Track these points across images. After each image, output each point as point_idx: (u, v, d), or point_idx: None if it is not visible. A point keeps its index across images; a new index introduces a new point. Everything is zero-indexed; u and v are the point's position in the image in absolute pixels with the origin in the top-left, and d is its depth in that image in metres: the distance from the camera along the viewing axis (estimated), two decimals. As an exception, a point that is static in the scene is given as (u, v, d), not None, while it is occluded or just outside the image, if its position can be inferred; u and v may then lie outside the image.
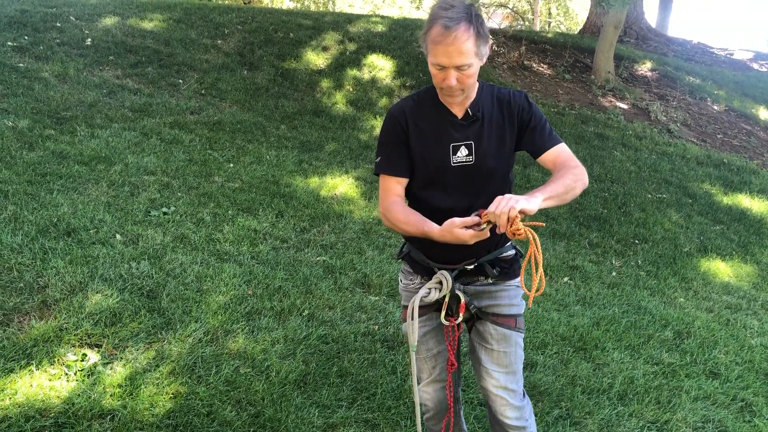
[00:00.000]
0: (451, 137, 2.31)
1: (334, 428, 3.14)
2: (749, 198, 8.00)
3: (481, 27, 2.13)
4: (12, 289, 3.65)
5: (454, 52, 2.10)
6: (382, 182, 2.39)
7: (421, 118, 2.33)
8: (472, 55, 2.12)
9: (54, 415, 2.86)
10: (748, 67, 16.74)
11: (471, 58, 2.12)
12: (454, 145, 2.30)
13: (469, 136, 2.31)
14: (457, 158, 2.31)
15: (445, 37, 2.08)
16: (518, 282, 2.50)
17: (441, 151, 2.31)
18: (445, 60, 2.12)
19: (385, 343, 3.93)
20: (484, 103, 2.33)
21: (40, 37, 8.20)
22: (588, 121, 9.61)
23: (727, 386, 4.03)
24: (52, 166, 5.37)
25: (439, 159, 2.31)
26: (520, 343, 2.48)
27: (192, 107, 7.69)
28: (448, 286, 2.36)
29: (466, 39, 2.08)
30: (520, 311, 2.49)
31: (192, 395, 3.14)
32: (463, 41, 2.08)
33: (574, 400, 3.63)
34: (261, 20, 10.69)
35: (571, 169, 2.27)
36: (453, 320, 2.43)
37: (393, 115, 2.37)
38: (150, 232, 4.64)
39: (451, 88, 2.19)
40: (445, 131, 2.31)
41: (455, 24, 2.07)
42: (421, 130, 2.33)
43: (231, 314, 3.87)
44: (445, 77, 2.16)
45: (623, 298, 5.15)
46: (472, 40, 2.10)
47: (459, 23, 2.07)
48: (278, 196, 5.83)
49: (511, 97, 2.35)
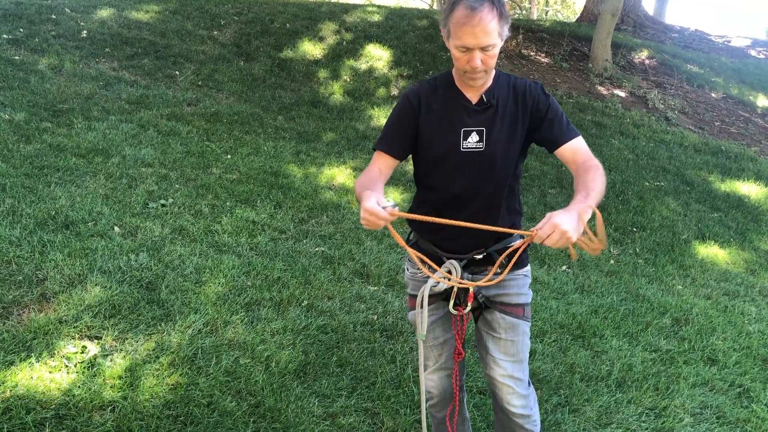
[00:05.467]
0: (463, 122, 2.31)
1: (334, 417, 3.15)
2: (747, 185, 8.00)
3: (503, 8, 2.15)
4: (11, 282, 3.66)
5: (481, 33, 2.10)
6: (374, 157, 2.43)
7: (436, 101, 2.34)
8: (496, 35, 2.14)
9: (55, 406, 2.87)
10: (746, 54, 16.70)
11: (495, 38, 2.14)
12: (465, 130, 2.30)
13: (482, 122, 2.31)
14: (467, 143, 2.31)
15: (471, 18, 2.08)
16: (527, 271, 2.50)
17: (452, 134, 2.31)
18: (472, 41, 2.12)
19: (384, 333, 3.94)
20: (499, 90, 2.33)
21: (36, 30, 8.17)
22: (586, 110, 9.60)
23: (725, 372, 4.04)
24: (49, 159, 5.37)
25: (449, 143, 2.31)
26: (527, 332, 2.49)
27: (189, 99, 7.67)
28: (457, 276, 2.36)
29: (491, 19, 2.10)
30: (527, 300, 2.49)
31: (192, 386, 3.15)
32: (488, 21, 2.09)
33: (573, 388, 3.64)
34: (257, 11, 10.65)
35: (594, 169, 2.27)
36: (461, 309, 2.44)
37: (407, 96, 2.38)
38: (148, 224, 4.64)
39: (475, 70, 2.19)
40: (458, 116, 2.31)
41: (480, 4, 2.09)
42: (433, 113, 2.33)
43: (230, 305, 3.88)
44: (470, 59, 2.17)
45: (621, 285, 5.17)
46: (496, 20, 2.11)
47: (483, 3, 2.09)
48: (276, 187, 5.82)
49: (527, 88, 2.34)
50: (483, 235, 2.26)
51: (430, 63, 10.02)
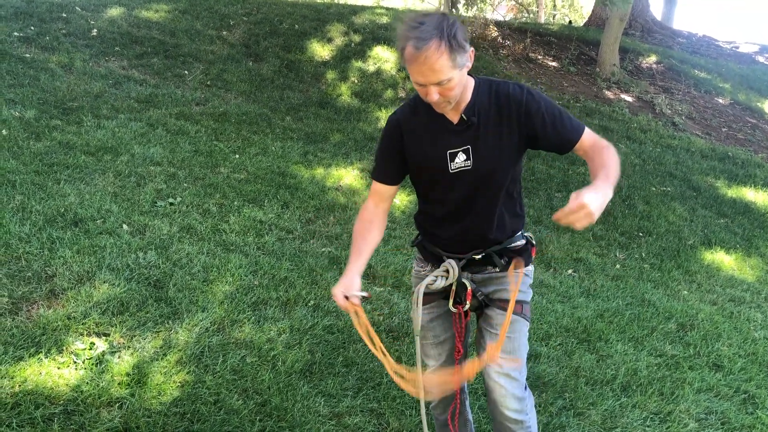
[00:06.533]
0: (447, 144, 2.27)
1: (339, 417, 3.17)
2: (754, 191, 7.99)
3: (455, 39, 2.01)
4: (20, 278, 3.68)
5: (428, 71, 2.03)
6: (372, 186, 2.47)
7: (417, 126, 2.29)
8: (448, 70, 2.03)
9: (63, 402, 2.89)
10: (754, 60, 16.67)
11: (448, 73, 2.04)
12: (451, 152, 2.27)
13: (466, 140, 2.25)
14: (455, 164, 2.28)
15: (416, 57, 2.00)
16: (528, 270, 2.48)
17: (438, 158, 2.29)
18: (422, 79, 2.06)
19: (390, 334, 3.95)
20: (480, 103, 2.24)
21: (46, 28, 8.22)
22: (593, 114, 9.60)
23: (730, 378, 4.04)
24: (58, 157, 5.40)
25: (437, 166, 2.30)
26: (524, 331, 2.45)
27: (197, 98, 7.70)
28: (454, 275, 2.38)
29: (438, 57, 1.99)
30: (526, 298, 2.46)
31: (199, 384, 3.17)
32: (435, 60, 1.99)
33: (578, 391, 3.65)
34: (266, 11, 10.69)
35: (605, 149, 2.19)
36: (461, 308, 2.44)
37: (389, 122, 2.36)
38: (156, 222, 4.67)
39: (436, 103, 2.14)
40: (442, 138, 2.27)
41: (424, 44, 1.98)
42: (417, 138, 2.30)
43: (237, 304, 3.90)
44: (426, 93, 2.10)
45: (627, 290, 5.17)
46: (445, 56, 2.00)
47: (429, 42, 1.98)
48: (284, 188, 5.85)
49: (510, 95, 2.23)
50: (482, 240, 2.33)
51: (438, 65, 10.03)
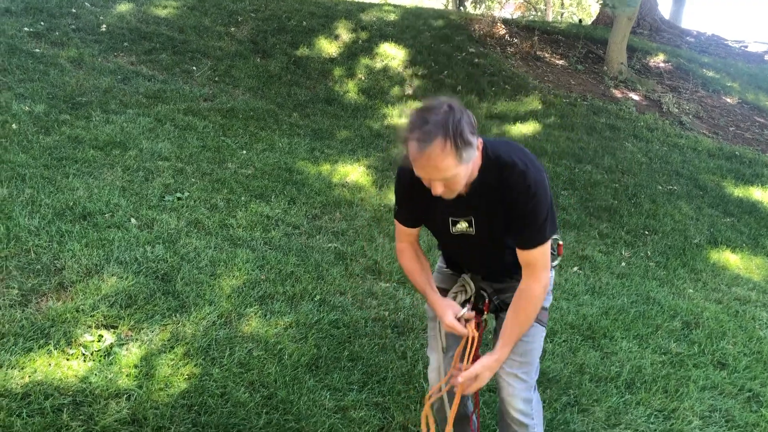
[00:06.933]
0: (449, 212, 2.27)
1: (345, 410, 3.19)
2: (761, 190, 7.98)
3: (461, 137, 1.93)
4: (30, 270, 3.72)
5: (433, 171, 1.98)
6: (396, 226, 2.52)
7: (420, 190, 2.19)
8: (453, 167, 1.97)
9: (72, 393, 2.93)
10: (763, 59, 16.59)
11: (453, 171, 1.98)
12: (453, 219, 2.29)
13: (468, 212, 2.26)
14: (456, 229, 2.31)
15: (420, 155, 1.94)
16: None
17: (440, 221, 2.32)
18: (425, 175, 2.03)
19: (396, 329, 3.98)
20: (485, 185, 2.17)
21: (56, 23, 8.26)
22: (600, 112, 9.59)
23: (735, 377, 4.05)
24: (67, 151, 5.44)
25: (440, 227, 2.35)
26: (539, 336, 2.46)
27: (205, 94, 7.74)
28: (472, 290, 2.47)
29: (443, 157, 1.93)
30: (544, 304, 2.43)
31: (206, 376, 3.20)
32: (440, 160, 1.94)
33: (582, 388, 3.67)
34: (274, 8, 10.70)
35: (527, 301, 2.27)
36: (479, 317, 2.48)
37: (398, 175, 2.36)
38: (164, 216, 4.70)
39: (441, 195, 2.10)
40: (443, 207, 2.25)
41: (428, 143, 1.91)
42: (419, 199, 2.27)
43: (244, 298, 3.93)
44: (431, 185, 2.06)
45: (632, 288, 5.18)
46: (450, 155, 1.94)
47: (433, 141, 1.91)
48: (290, 183, 5.87)
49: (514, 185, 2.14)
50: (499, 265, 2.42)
51: (445, 63, 10.05)
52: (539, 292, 2.26)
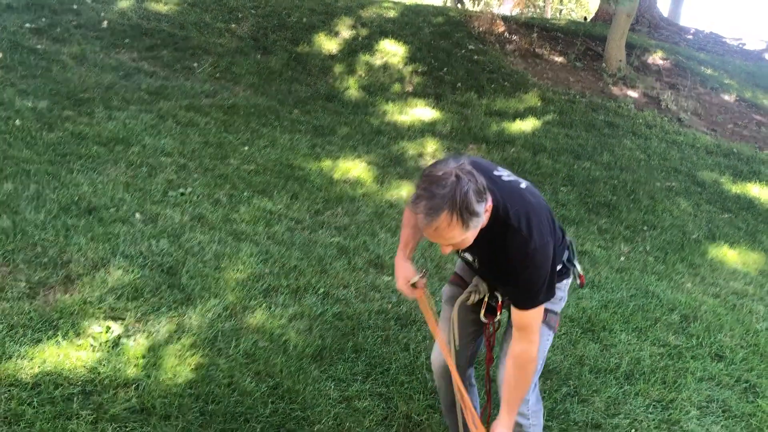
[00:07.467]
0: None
1: (349, 400, 3.25)
2: (758, 187, 8.03)
3: (467, 210, 1.93)
4: (37, 263, 3.77)
5: (440, 239, 2.02)
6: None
7: None
8: (459, 236, 1.99)
9: (81, 383, 2.98)
10: (761, 57, 16.65)
11: (459, 238, 2.01)
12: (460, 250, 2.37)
13: (473, 251, 2.31)
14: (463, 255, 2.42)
15: (428, 227, 1.96)
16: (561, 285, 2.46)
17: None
18: (433, 240, 2.07)
19: (399, 321, 4.03)
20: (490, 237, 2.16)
21: (58, 19, 8.30)
22: (598, 109, 9.64)
23: (732, 368, 4.11)
24: (71, 147, 5.48)
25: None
26: (543, 338, 2.44)
27: (207, 91, 7.78)
28: (485, 291, 2.51)
29: (449, 230, 1.95)
30: (553, 308, 2.46)
31: (213, 366, 3.26)
32: (446, 232, 1.96)
33: (582, 379, 3.72)
34: (274, 5, 10.74)
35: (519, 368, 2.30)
36: (491, 318, 2.54)
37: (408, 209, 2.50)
38: (168, 211, 4.75)
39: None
40: None
41: (435, 218, 1.91)
42: None
43: (249, 291, 3.98)
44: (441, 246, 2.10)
45: (631, 282, 5.23)
46: (456, 227, 1.94)
47: (439, 214, 1.91)
48: (292, 179, 5.93)
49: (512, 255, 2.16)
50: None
51: (445, 59, 10.09)
52: (534, 355, 2.30)
